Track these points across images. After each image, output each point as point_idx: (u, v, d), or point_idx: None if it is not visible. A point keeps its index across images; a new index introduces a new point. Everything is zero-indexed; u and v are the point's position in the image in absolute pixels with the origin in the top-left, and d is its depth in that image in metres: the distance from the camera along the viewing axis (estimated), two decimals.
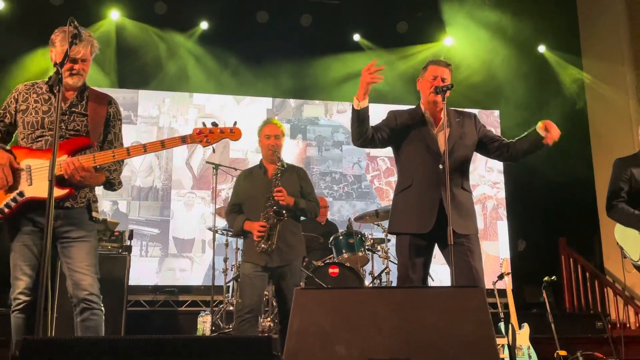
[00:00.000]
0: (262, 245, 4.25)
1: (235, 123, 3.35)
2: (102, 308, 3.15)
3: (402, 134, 3.74)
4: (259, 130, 4.56)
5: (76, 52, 3.14)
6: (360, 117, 3.53)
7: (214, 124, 3.23)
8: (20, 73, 7.48)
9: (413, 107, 3.88)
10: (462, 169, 3.75)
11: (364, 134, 3.59)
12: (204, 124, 3.23)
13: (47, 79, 3.02)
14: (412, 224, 3.63)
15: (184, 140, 3.18)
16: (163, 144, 3.15)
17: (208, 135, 3.19)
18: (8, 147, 3.18)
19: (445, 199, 3.48)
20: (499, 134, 8.97)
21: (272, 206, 4.28)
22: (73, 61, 3.17)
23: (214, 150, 3.48)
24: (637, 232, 4.13)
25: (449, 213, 3.43)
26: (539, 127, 3.67)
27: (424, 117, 3.75)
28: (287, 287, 4.35)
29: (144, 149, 3.15)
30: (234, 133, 3.27)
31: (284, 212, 4.27)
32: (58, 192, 3.01)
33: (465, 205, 3.71)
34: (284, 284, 4.38)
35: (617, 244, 4.30)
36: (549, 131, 3.62)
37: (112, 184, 3.31)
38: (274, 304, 5.34)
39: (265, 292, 5.79)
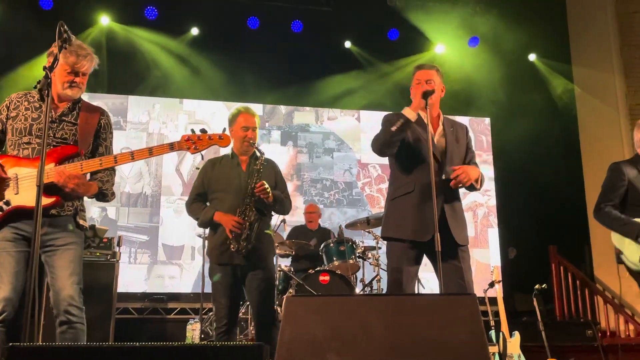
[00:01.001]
0: (241, 244, 3.86)
1: (224, 130, 3.33)
2: (84, 320, 3.06)
3: (406, 138, 3.66)
4: (232, 118, 4.16)
5: (81, 65, 3.18)
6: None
7: (203, 131, 3.20)
8: (11, 77, 7.42)
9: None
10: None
11: (398, 143, 3.59)
12: (192, 130, 3.20)
13: (34, 86, 2.99)
14: (411, 231, 3.57)
15: (171, 147, 3.16)
16: (151, 152, 3.12)
17: (196, 142, 3.17)
18: None
19: (440, 206, 3.49)
20: (490, 141, 9.11)
21: (252, 202, 3.91)
22: (75, 74, 3.19)
23: (202, 157, 3.46)
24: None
25: (436, 222, 3.40)
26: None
27: (424, 122, 3.68)
28: (257, 280, 3.96)
29: (132, 156, 3.12)
30: (222, 139, 3.24)
31: (265, 211, 3.95)
32: (45, 200, 2.97)
33: (461, 215, 3.70)
34: (255, 276, 3.96)
35: (615, 247, 4.27)
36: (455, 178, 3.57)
37: (104, 195, 3.28)
38: None
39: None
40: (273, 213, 4.25)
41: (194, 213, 4.17)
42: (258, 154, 4.02)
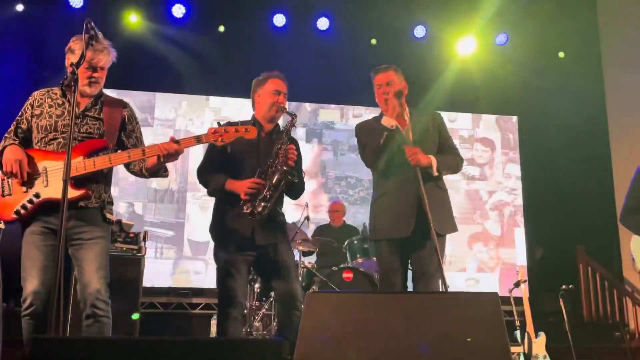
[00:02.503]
0: (259, 204, 3.47)
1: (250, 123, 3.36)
2: (109, 314, 3.07)
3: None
4: (258, 82, 3.86)
5: (98, 60, 3.19)
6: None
7: (229, 123, 3.27)
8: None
9: (375, 117, 3.87)
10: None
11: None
12: (218, 123, 3.25)
13: (61, 82, 3.03)
14: (398, 228, 3.62)
15: (198, 139, 3.21)
16: (177, 144, 3.16)
17: (223, 134, 3.21)
18: None
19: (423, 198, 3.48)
20: (517, 140, 9.00)
21: (278, 164, 3.53)
22: (94, 69, 3.21)
23: (229, 149, 3.50)
24: None
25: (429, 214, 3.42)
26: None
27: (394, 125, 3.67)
28: (278, 261, 3.58)
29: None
30: (249, 132, 3.28)
31: (295, 173, 3.55)
32: (73, 192, 3.01)
33: (443, 203, 3.72)
34: (274, 258, 3.59)
35: (631, 253, 4.22)
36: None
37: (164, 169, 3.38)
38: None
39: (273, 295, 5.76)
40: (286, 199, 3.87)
41: (203, 180, 3.75)
42: (289, 117, 3.73)
